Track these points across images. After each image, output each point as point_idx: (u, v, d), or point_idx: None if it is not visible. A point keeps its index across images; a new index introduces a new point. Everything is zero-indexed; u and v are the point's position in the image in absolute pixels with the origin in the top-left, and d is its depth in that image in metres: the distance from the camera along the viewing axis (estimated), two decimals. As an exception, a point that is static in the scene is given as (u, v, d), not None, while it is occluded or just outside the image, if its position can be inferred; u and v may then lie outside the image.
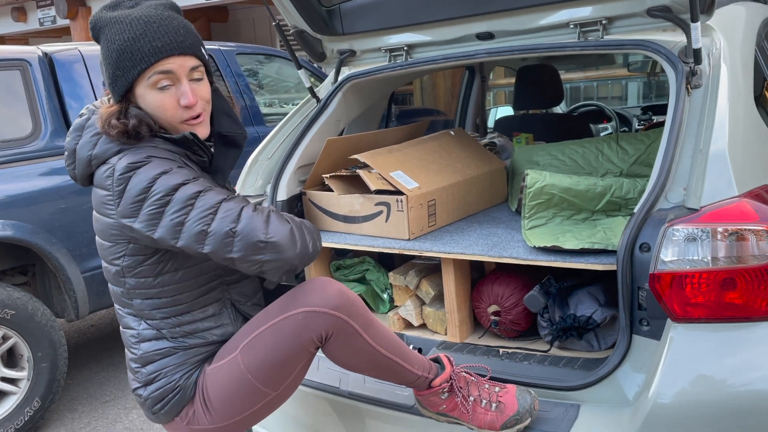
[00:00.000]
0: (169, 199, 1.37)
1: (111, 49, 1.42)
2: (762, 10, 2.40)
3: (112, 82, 1.44)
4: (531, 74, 3.61)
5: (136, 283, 1.50)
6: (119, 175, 1.39)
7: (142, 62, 1.40)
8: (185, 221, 1.37)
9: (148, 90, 1.44)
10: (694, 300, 1.53)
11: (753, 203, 1.52)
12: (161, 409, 1.55)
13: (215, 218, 1.37)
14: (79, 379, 3.96)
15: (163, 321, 1.53)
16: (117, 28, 1.41)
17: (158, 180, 1.38)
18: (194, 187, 1.39)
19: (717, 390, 1.48)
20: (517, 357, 1.83)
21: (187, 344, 1.55)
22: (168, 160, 1.42)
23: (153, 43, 1.40)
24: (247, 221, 1.37)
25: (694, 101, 1.74)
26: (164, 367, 1.54)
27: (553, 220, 2.07)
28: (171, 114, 1.46)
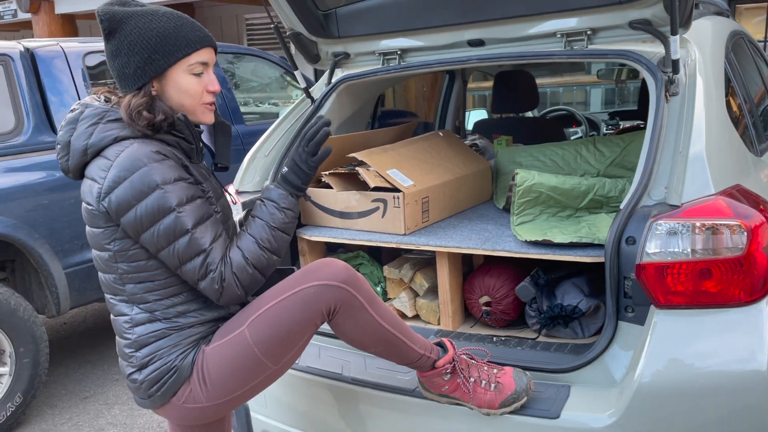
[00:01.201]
0: (159, 219, 1.46)
1: (147, 35, 1.50)
2: (728, 24, 2.60)
3: (144, 65, 1.51)
4: (508, 79, 3.76)
5: (129, 267, 1.55)
6: (116, 170, 1.46)
7: (188, 47, 1.53)
8: (166, 248, 1.49)
9: (184, 74, 1.55)
10: (674, 288, 1.68)
11: (728, 200, 1.68)
12: (157, 391, 1.58)
13: (191, 263, 1.50)
14: (57, 375, 3.94)
15: (157, 303, 1.57)
16: (150, 18, 1.52)
17: (154, 194, 1.45)
18: (185, 221, 1.47)
19: (696, 369, 1.63)
20: (511, 343, 1.96)
21: (180, 324, 1.59)
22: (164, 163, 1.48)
23: (196, 33, 1.55)
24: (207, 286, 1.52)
25: (673, 108, 1.90)
26: (159, 349, 1.58)
27: (540, 216, 2.21)
28: (198, 98, 1.58)
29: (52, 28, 10.08)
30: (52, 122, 3.61)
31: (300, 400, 2.11)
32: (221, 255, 1.52)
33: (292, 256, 2.41)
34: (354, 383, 1.96)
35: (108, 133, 1.50)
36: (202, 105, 1.60)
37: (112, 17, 1.52)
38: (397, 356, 1.73)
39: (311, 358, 2.09)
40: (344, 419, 2.03)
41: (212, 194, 1.61)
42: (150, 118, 1.50)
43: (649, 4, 1.97)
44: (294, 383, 2.09)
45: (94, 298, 3.71)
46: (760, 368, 1.59)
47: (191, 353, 1.59)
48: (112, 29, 1.52)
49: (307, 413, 2.12)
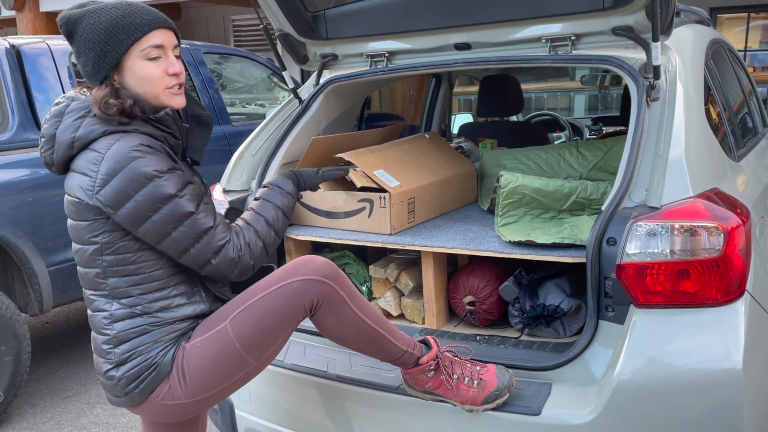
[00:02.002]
0: (159, 207, 1.47)
1: (97, 29, 1.50)
2: (708, 33, 2.66)
3: (99, 59, 1.51)
4: (494, 83, 3.81)
5: (115, 260, 1.54)
6: (107, 163, 1.45)
7: (136, 32, 1.50)
8: (171, 234, 1.51)
9: (138, 61, 1.52)
10: (654, 288, 1.72)
11: (705, 203, 1.73)
12: (135, 388, 1.57)
13: (201, 242, 1.54)
14: (38, 375, 3.92)
15: (140, 297, 1.57)
16: (100, 13, 1.51)
17: (151, 184, 1.46)
18: (187, 205, 1.51)
19: (674, 368, 1.67)
20: (494, 341, 1.99)
21: (161, 319, 1.58)
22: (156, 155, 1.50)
23: (144, 17, 1.52)
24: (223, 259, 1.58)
25: (653, 112, 1.95)
26: (139, 345, 1.57)
27: (523, 218, 2.25)
28: (158, 82, 1.54)
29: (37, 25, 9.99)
30: (37, 120, 3.59)
31: (285, 397, 2.13)
32: (226, 229, 1.59)
33: (279, 256, 2.42)
34: (339, 380, 1.98)
35: (95, 126, 1.50)
36: (165, 90, 1.56)
37: (68, 20, 1.53)
38: (380, 353, 1.75)
39: (296, 356, 2.11)
40: (329, 417, 2.05)
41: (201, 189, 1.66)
42: (118, 104, 1.50)
43: (631, 11, 2.02)
44: (279, 381, 2.11)
45: (77, 297, 3.69)
46: (735, 366, 1.63)
47: (171, 350, 1.59)
48: (71, 32, 1.54)
49: (291, 411, 2.13)
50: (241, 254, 1.59)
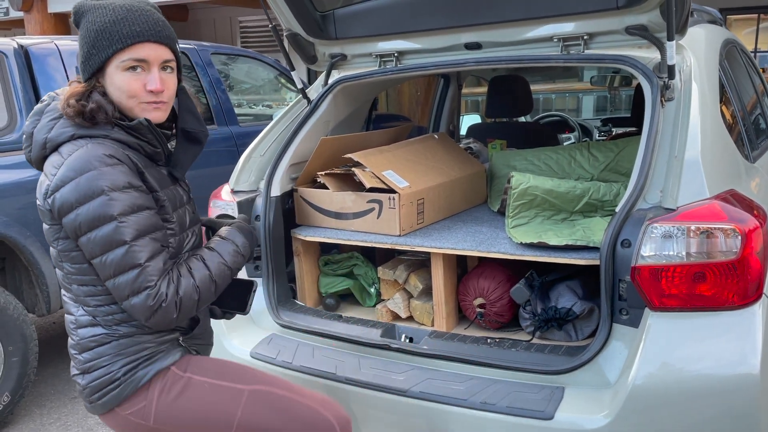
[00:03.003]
0: (98, 225, 1.39)
1: (90, 30, 1.47)
2: (721, 33, 2.63)
3: (85, 60, 1.48)
4: (503, 84, 3.78)
5: (72, 269, 1.50)
6: (66, 170, 1.40)
7: (119, 42, 1.45)
8: (100, 256, 1.41)
9: (118, 71, 1.47)
10: (669, 291, 1.69)
11: (722, 204, 1.70)
12: (98, 400, 1.53)
13: (124, 277, 1.41)
14: (45, 375, 3.91)
15: (97, 309, 1.51)
16: (100, 12, 1.47)
17: (98, 199, 1.38)
18: (124, 233, 1.40)
19: (690, 372, 1.64)
20: (505, 345, 1.97)
21: (120, 332, 1.52)
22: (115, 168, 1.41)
23: (132, 27, 1.46)
24: (140, 303, 1.41)
25: (668, 113, 1.92)
26: (100, 356, 1.52)
27: (534, 219, 2.22)
28: (134, 95, 1.48)
29: (45, 26, 10.03)
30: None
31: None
32: (159, 273, 1.43)
33: (287, 256, 2.40)
34: (347, 383, 1.96)
35: (66, 129, 1.46)
36: (140, 104, 1.49)
37: (78, 10, 1.51)
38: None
39: (305, 358, 2.09)
40: (338, 420, 2.03)
41: (167, 203, 1.53)
42: (79, 106, 1.44)
43: (645, 10, 1.99)
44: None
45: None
46: (752, 371, 1.60)
47: (145, 369, 1.52)
48: (77, 23, 1.51)
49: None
50: (163, 305, 1.42)
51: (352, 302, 2.50)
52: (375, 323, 2.23)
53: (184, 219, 1.58)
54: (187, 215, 1.61)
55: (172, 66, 1.53)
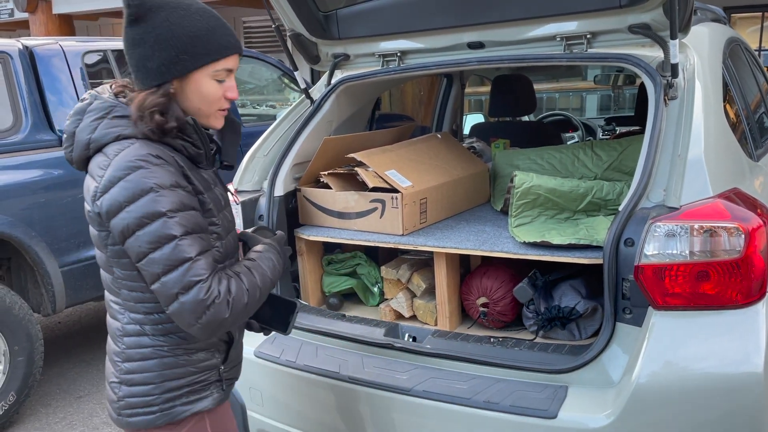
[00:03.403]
0: (146, 223, 1.35)
1: (178, 32, 1.41)
2: (725, 31, 2.62)
3: (169, 63, 1.41)
4: (506, 83, 3.78)
5: (122, 274, 1.47)
6: (113, 171, 1.38)
7: (218, 53, 1.44)
8: (149, 255, 1.36)
9: (208, 79, 1.46)
10: (672, 290, 1.69)
11: (726, 203, 1.69)
12: (128, 417, 1.51)
13: (173, 273, 1.35)
14: (51, 375, 3.93)
15: (146, 316, 1.48)
16: (182, 13, 1.42)
17: (146, 197, 1.35)
18: (173, 228, 1.36)
19: (693, 371, 1.64)
20: (508, 344, 1.96)
21: (166, 347, 1.48)
22: (162, 168, 1.39)
23: (228, 38, 1.47)
24: (191, 301, 1.35)
25: (671, 111, 1.92)
26: (143, 371, 1.49)
27: (538, 218, 2.22)
28: (215, 103, 1.49)
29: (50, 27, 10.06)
30: (50, 120, 3.60)
31: (297, 398, 2.11)
32: (210, 268, 1.38)
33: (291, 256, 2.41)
34: (351, 382, 1.97)
35: (111, 129, 1.42)
36: (217, 111, 1.51)
37: (143, 3, 1.40)
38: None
39: (308, 357, 2.09)
40: (341, 418, 2.03)
41: (213, 206, 1.50)
42: (161, 122, 1.41)
43: (648, 9, 1.99)
44: (291, 382, 2.09)
45: (89, 297, 3.70)
46: (755, 370, 1.60)
47: (180, 406, 1.49)
48: (140, 16, 1.41)
49: (303, 412, 2.11)
50: (216, 301, 1.36)
51: (356, 301, 2.50)
52: (378, 322, 2.24)
53: (226, 222, 1.55)
54: (227, 220, 1.57)
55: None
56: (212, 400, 1.54)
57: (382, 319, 2.30)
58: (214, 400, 1.55)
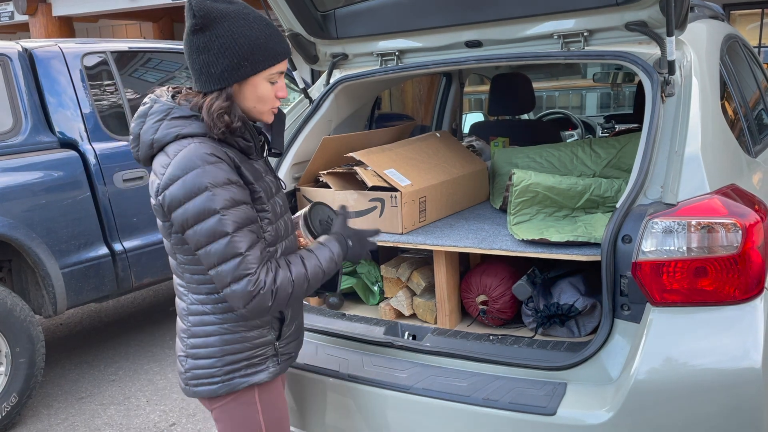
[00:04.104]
0: (203, 218, 1.50)
1: (240, 40, 1.54)
2: (723, 28, 2.63)
3: (231, 69, 1.55)
4: (505, 81, 3.78)
5: (185, 259, 1.63)
6: (174, 169, 1.51)
7: (274, 59, 1.59)
8: (206, 246, 1.52)
9: (264, 82, 1.60)
10: (670, 286, 1.70)
11: (723, 199, 1.70)
12: (195, 387, 1.69)
13: (227, 265, 1.51)
14: (52, 376, 3.94)
15: (208, 296, 1.64)
16: (242, 23, 1.55)
17: (202, 196, 1.49)
18: (227, 225, 1.50)
19: (692, 367, 1.64)
20: (508, 341, 1.97)
21: (227, 324, 1.64)
22: (217, 165, 1.51)
23: (282, 45, 1.61)
24: (240, 290, 1.51)
25: (668, 108, 1.92)
26: (207, 346, 1.66)
27: (536, 216, 2.23)
28: (270, 102, 1.64)
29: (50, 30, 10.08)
30: (50, 122, 3.61)
31: (297, 398, 2.12)
32: (258, 262, 1.53)
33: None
34: (351, 380, 1.97)
35: (171, 130, 1.56)
36: (269, 109, 1.65)
37: (208, 14, 1.53)
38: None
39: (309, 356, 2.10)
40: (341, 416, 2.04)
41: (263, 194, 1.62)
42: (229, 122, 1.55)
43: (645, 6, 1.99)
44: (291, 381, 2.10)
45: (90, 299, 3.71)
46: (754, 365, 1.61)
47: (239, 378, 1.66)
48: (205, 26, 1.53)
49: (304, 411, 2.12)
50: (261, 292, 1.52)
51: (356, 301, 2.51)
52: (378, 321, 2.24)
53: (276, 208, 1.68)
54: (278, 205, 1.69)
55: None
56: (268, 374, 1.70)
57: (382, 318, 2.31)
58: (270, 373, 1.70)
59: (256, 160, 1.69)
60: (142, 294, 5.45)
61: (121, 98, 3.98)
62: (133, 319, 4.91)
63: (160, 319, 4.80)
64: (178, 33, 12.14)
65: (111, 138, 3.82)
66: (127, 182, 3.81)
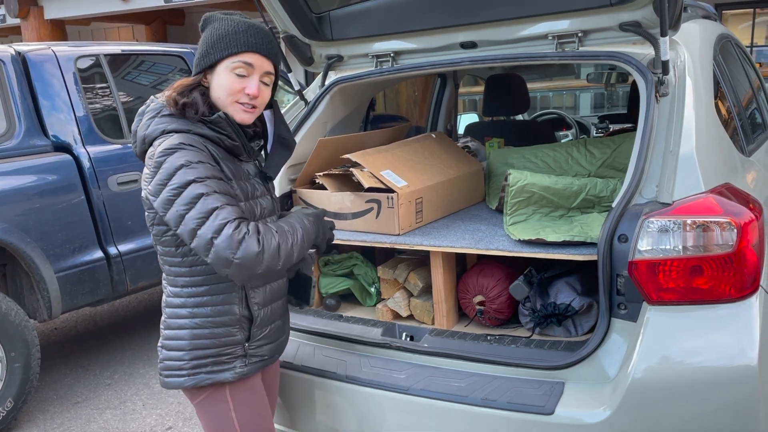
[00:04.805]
0: (181, 192, 1.56)
1: (213, 34, 1.68)
2: (716, 28, 2.64)
3: (201, 57, 1.69)
4: (500, 82, 3.79)
5: (163, 251, 1.71)
6: (155, 157, 1.60)
7: (235, 48, 1.66)
8: (185, 216, 1.56)
9: (226, 71, 1.67)
10: (666, 285, 1.70)
11: (718, 198, 1.71)
12: (166, 377, 1.75)
13: (205, 223, 1.54)
14: (48, 381, 3.92)
15: (182, 289, 1.70)
16: (225, 22, 1.70)
17: (178, 172, 1.57)
18: (201, 188, 1.56)
19: (688, 365, 1.65)
20: (505, 341, 1.98)
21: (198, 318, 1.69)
22: (193, 151, 1.59)
23: (249, 38, 1.68)
24: (224, 238, 1.53)
25: (663, 108, 1.93)
26: (178, 339, 1.71)
27: (532, 216, 2.23)
28: (231, 94, 1.68)
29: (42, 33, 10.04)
30: (44, 126, 3.60)
31: (294, 400, 2.12)
32: (237, 214, 1.57)
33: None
34: (349, 381, 1.97)
35: (158, 126, 1.65)
36: (234, 103, 1.68)
37: (207, 18, 1.74)
38: None
39: (306, 358, 2.10)
40: (339, 418, 2.04)
41: (239, 193, 1.67)
42: (177, 98, 1.64)
43: (638, 6, 2.00)
44: (288, 383, 2.10)
45: (85, 303, 3.70)
46: (750, 363, 1.61)
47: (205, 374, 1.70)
48: (203, 28, 1.74)
49: (301, 413, 2.12)
50: (246, 237, 1.53)
51: (353, 302, 2.51)
52: (376, 322, 2.24)
53: (254, 210, 1.72)
54: (258, 208, 1.73)
55: (270, 80, 1.74)
56: (234, 374, 1.72)
57: (380, 319, 2.31)
58: (236, 374, 1.72)
59: (247, 162, 1.76)
60: (138, 297, 5.43)
61: (115, 101, 3.97)
62: (128, 322, 4.89)
63: (155, 322, 4.78)
64: (170, 36, 12.11)
65: (105, 141, 3.82)
66: (121, 185, 3.80)
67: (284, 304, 1.88)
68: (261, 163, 1.83)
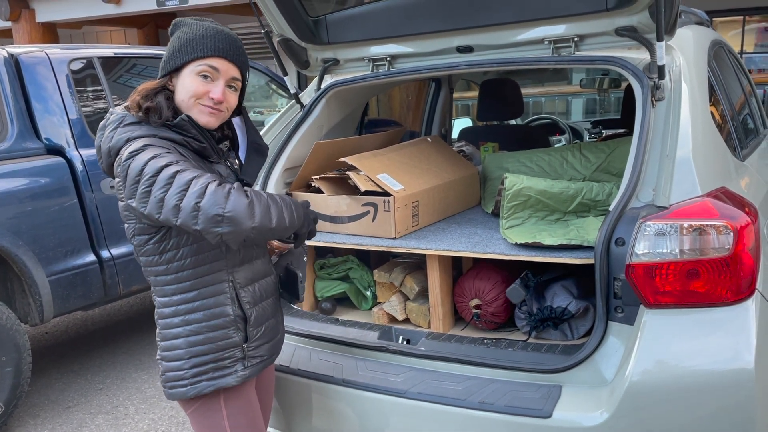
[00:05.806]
0: (155, 179, 1.53)
1: (181, 38, 1.69)
2: (709, 34, 2.66)
3: (167, 60, 1.69)
4: (494, 87, 3.80)
5: (146, 261, 1.68)
6: (122, 162, 1.58)
7: (201, 52, 1.66)
8: (165, 197, 1.52)
9: (192, 74, 1.66)
10: (663, 288, 1.71)
11: (714, 202, 1.72)
12: (169, 389, 1.73)
13: (186, 194, 1.50)
14: (39, 385, 3.88)
15: (171, 298, 1.68)
16: (194, 27, 1.70)
17: (149, 164, 1.54)
18: (174, 168, 1.53)
19: (685, 368, 1.65)
20: (502, 344, 1.98)
21: (191, 324, 1.66)
22: (160, 147, 1.58)
23: (215, 43, 1.68)
24: (209, 196, 1.48)
25: (659, 112, 1.94)
26: (175, 348, 1.69)
27: (528, 220, 2.24)
28: (194, 96, 1.66)
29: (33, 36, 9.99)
30: (37, 129, 3.58)
31: (291, 403, 2.10)
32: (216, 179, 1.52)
33: None
34: (346, 385, 1.97)
35: (122, 135, 1.63)
36: (197, 104, 1.67)
37: (176, 23, 1.75)
38: None
39: (302, 361, 2.09)
40: (336, 422, 2.03)
41: None
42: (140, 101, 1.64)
43: (635, 12, 2.02)
44: (284, 386, 2.09)
45: (77, 307, 3.66)
46: (746, 366, 1.62)
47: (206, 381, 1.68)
48: (172, 32, 1.74)
49: (298, 417, 2.11)
50: (232, 191, 1.49)
51: (349, 306, 2.50)
52: (372, 326, 2.24)
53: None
54: None
55: (237, 86, 1.73)
56: (236, 378, 1.71)
57: (376, 323, 2.31)
58: (239, 377, 1.71)
59: (218, 163, 1.73)
60: (130, 302, 5.39)
61: (108, 104, 3.95)
62: (120, 327, 4.86)
63: (147, 327, 4.75)
64: (163, 39, 12.07)
65: (98, 144, 3.79)
66: (114, 189, 3.78)
67: (275, 303, 1.85)
68: (233, 164, 1.80)
